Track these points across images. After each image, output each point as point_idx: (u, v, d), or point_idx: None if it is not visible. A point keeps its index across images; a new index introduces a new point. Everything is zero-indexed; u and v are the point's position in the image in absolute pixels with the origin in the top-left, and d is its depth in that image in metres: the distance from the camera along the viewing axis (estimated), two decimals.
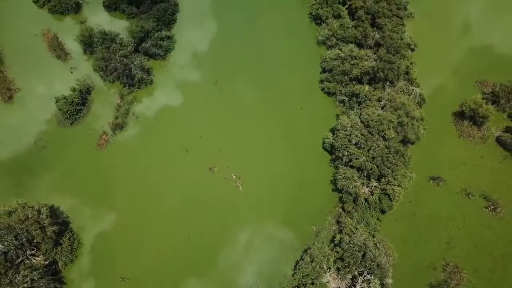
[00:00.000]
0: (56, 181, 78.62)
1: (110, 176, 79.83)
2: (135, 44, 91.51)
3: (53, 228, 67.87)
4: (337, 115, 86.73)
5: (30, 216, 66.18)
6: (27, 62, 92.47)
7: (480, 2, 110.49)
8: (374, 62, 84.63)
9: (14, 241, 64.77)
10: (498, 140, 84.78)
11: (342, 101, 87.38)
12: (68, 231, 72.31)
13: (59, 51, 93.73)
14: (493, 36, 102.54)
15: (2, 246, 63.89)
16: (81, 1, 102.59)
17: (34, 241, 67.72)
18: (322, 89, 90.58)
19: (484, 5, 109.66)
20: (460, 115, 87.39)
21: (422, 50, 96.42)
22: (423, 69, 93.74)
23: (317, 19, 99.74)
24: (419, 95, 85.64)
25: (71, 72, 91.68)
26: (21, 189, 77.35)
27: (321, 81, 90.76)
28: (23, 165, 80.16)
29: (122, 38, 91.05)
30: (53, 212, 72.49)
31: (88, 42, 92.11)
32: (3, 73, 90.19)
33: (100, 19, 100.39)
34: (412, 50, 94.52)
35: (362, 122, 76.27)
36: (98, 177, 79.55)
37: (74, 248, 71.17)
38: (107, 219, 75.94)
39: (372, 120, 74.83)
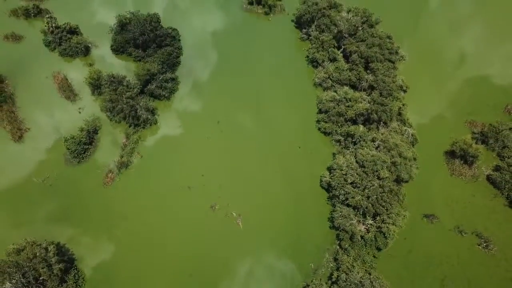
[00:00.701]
0: (61, 218, 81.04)
1: (114, 213, 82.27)
2: (141, 86, 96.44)
3: (59, 266, 70.03)
4: (334, 154, 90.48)
5: (38, 254, 68.53)
6: (37, 102, 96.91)
7: (465, 43, 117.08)
8: (368, 104, 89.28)
9: (22, 279, 66.82)
10: (489, 178, 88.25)
11: (338, 141, 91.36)
12: (73, 268, 74.35)
13: (68, 92, 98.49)
14: (482, 72, 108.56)
15: (10, 284, 65.91)
16: (90, 45, 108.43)
17: (41, 278, 69.70)
18: (319, 129, 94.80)
19: (469, 47, 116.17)
20: (451, 154, 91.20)
21: (414, 90, 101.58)
22: (415, 109, 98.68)
23: (314, 62, 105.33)
24: (412, 135, 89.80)
25: (79, 112, 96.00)
26: (27, 226, 79.76)
27: (318, 121, 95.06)
28: (31, 203, 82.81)
29: (129, 80, 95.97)
30: (60, 249, 74.74)
31: (96, 84, 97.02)
32: (14, 114, 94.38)
33: (108, 62, 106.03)
34: (404, 91, 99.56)
35: (357, 162, 79.97)
36: (103, 214, 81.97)
37: (79, 286, 72.95)
38: (110, 255, 77.84)
39: (366, 161, 78.54)
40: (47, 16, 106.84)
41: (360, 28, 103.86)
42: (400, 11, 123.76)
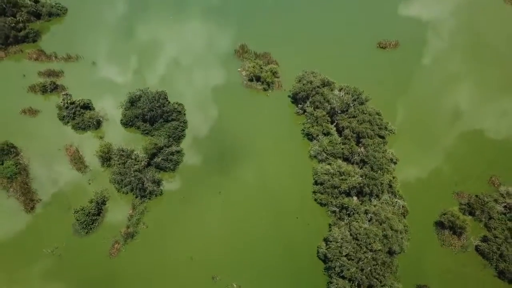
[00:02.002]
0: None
1: (116, 283, 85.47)
2: (148, 159, 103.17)
3: None
4: (330, 225, 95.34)
5: None
6: (50, 174, 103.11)
7: (451, 108, 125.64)
8: (360, 178, 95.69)
9: None
10: (477, 249, 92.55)
11: (334, 211, 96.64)
12: None
13: (79, 164, 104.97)
14: (469, 139, 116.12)
15: None
16: (101, 118, 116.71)
17: None
18: (315, 200, 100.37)
19: (456, 110, 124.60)
20: (440, 224, 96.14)
21: (404, 161, 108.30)
22: (406, 180, 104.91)
23: (309, 135, 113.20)
24: (402, 206, 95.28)
25: (89, 184, 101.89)
26: None
27: (314, 193, 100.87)
28: (38, 273, 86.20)
29: (137, 154, 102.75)
30: None
31: (106, 157, 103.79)
32: (27, 185, 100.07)
33: (117, 134, 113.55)
34: (395, 163, 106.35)
35: (351, 235, 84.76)
36: (107, 285, 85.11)
37: None
38: None
39: (360, 234, 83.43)
40: (63, 93, 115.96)
41: (351, 105, 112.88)
42: (388, 82, 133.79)
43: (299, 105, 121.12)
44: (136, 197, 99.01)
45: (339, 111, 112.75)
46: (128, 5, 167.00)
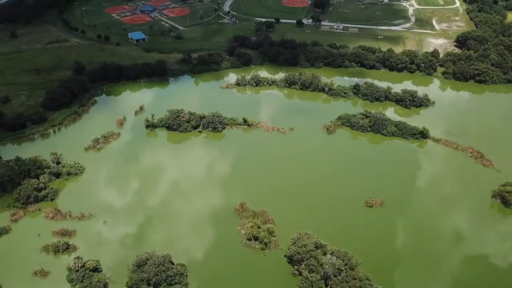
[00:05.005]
0: None
1: None
2: None
3: None
4: None
5: None
6: None
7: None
8: None
9: None
10: None
11: None
12: None
13: None
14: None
15: None
16: (108, 280, 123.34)
17: None
18: None
19: (438, 277, 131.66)
20: None
21: None
22: None
23: None
24: None
25: None
26: None
27: None
28: None
29: None
30: None
31: None
32: None
33: None
34: None
35: None
36: None
37: None
38: None
39: None
40: (74, 257, 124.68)
41: (343, 270, 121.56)
42: (374, 240, 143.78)
43: (295, 267, 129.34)
44: None
45: (332, 275, 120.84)
46: (139, 164, 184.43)
